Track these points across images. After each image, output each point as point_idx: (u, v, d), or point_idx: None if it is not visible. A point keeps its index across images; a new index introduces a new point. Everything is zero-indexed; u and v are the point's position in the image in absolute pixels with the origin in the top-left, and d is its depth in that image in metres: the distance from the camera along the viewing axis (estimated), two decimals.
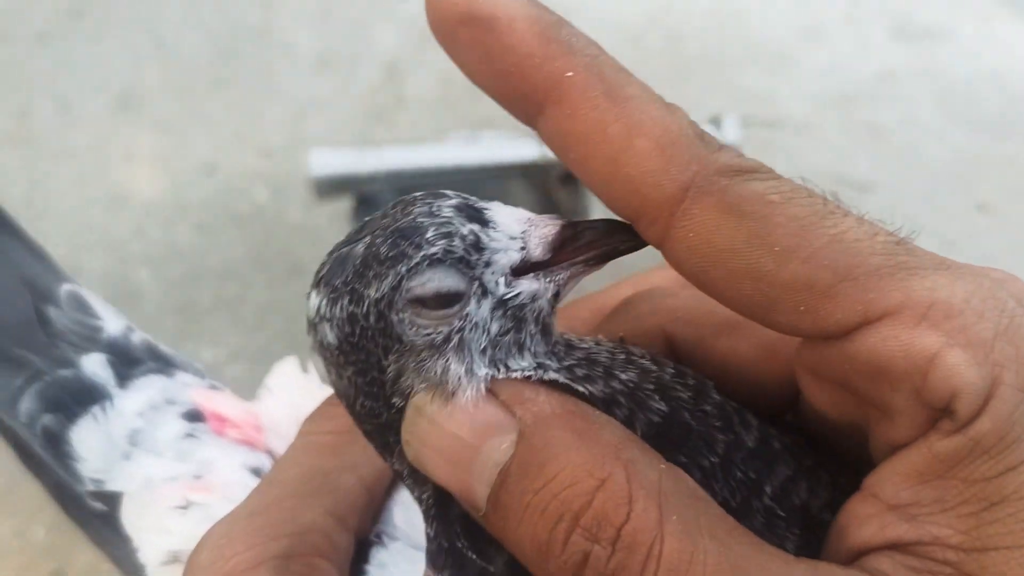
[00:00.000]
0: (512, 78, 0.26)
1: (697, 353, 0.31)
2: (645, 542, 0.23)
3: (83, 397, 0.55)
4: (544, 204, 1.02)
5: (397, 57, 1.35)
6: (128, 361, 0.58)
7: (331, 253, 0.28)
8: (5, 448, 0.59)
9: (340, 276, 0.27)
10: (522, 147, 0.97)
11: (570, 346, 0.29)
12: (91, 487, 0.54)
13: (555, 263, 0.28)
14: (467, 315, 0.27)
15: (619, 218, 0.27)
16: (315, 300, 0.28)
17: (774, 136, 1.20)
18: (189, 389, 0.57)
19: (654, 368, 0.28)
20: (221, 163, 1.22)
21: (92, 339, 0.58)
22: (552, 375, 0.27)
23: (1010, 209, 1.18)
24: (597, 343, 0.29)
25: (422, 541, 0.30)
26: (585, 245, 0.27)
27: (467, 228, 0.27)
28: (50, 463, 0.56)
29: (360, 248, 0.27)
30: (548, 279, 0.28)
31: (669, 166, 0.25)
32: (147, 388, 0.56)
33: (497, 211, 0.28)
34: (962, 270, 0.25)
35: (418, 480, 0.29)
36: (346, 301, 0.27)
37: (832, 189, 0.26)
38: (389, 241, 0.27)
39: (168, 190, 1.19)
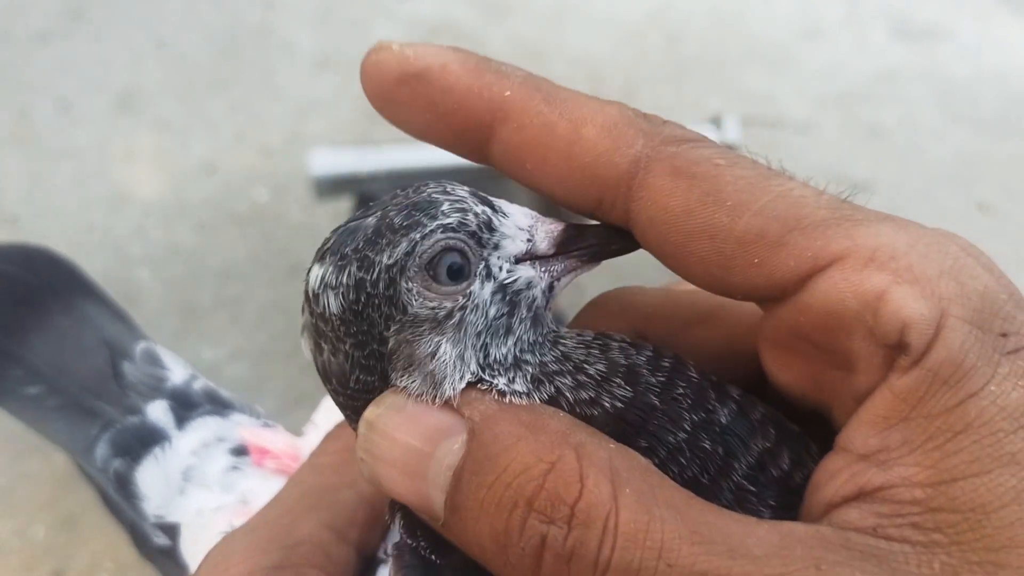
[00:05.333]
0: (456, 116, 0.28)
1: (668, 348, 0.32)
2: (600, 516, 0.23)
3: (147, 440, 0.62)
4: (543, 204, 1.02)
5: None
6: (187, 405, 0.64)
7: (336, 230, 0.29)
8: (5, 448, 0.61)
9: (350, 244, 0.27)
10: None
11: (557, 341, 0.29)
12: (153, 520, 0.59)
13: (554, 257, 0.29)
14: (471, 294, 0.27)
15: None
16: (318, 271, 0.28)
17: (774, 136, 1.20)
18: (240, 427, 0.63)
19: (623, 360, 0.28)
20: (221, 163, 1.22)
21: (158, 388, 0.65)
22: (502, 386, 0.27)
23: (1010, 209, 1.18)
24: (580, 335, 0.29)
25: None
26: (587, 245, 0.29)
27: (480, 208, 0.28)
28: (121, 503, 0.62)
29: (371, 220, 0.27)
30: (544, 269, 0.29)
31: (618, 144, 0.26)
32: (201, 428, 0.62)
33: (505, 204, 0.29)
34: (906, 222, 0.26)
35: None
36: (355, 268, 0.27)
37: (832, 189, 0.27)
38: (404, 212, 0.27)
39: (168, 190, 1.19)
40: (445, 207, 0.27)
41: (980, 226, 1.17)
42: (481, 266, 0.28)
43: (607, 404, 0.27)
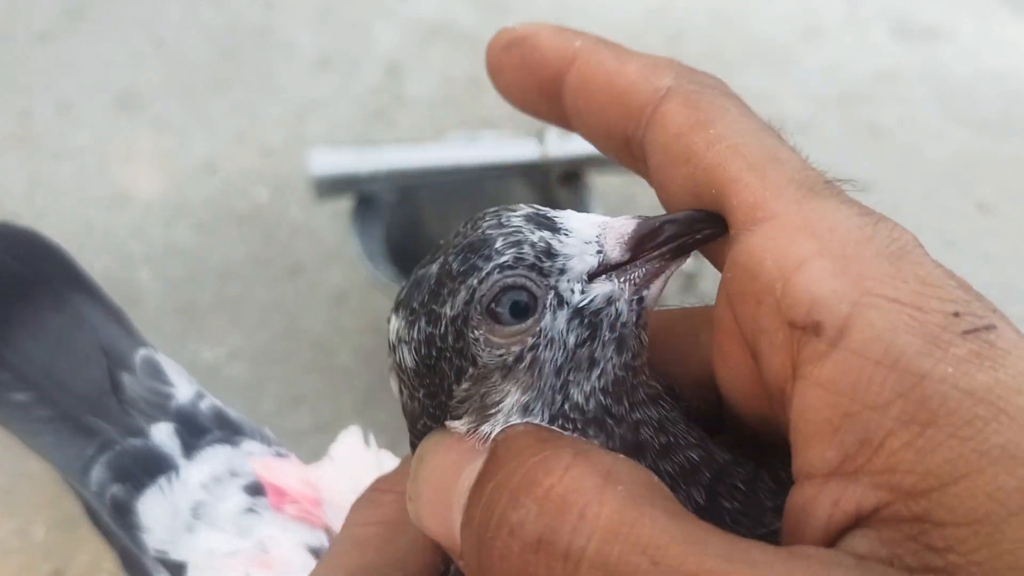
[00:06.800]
0: (540, 70, 0.29)
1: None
2: (577, 502, 0.21)
3: (151, 467, 0.56)
4: (544, 204, 1.01)
5: (397, 57, 1.35)
6: (195, 431, 0.58)
7: (410, 276, 0.28)
8: (5, 448, 0.59)
9: (417, 298, 0.27)
10: (522, 147, 0.97)
11: (658, 398, 0.26)
12: (155, 555, 0.54)
13: (631, 262, 0.26)
14: (541, 330, 0.25)
15: (699, 209, 0.26)
16: (394, 323, 0.27)
17: None
18: (252, 458, 0.57)
19: (717, 459, 0.26)
20: (221, 163, 1.22)
21: (162, 407, 0.58)
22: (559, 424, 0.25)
23: (1010, 209, 1.18)
24: (672, 394, 0.27)
25: None
26: (664, 240, 0.26)
27: (537, 235, 0.26)
28: (117, 531, 0.56)
29: (435, 268, 0.27)
30: (623, 278, 0.26)
31: (650, 76, 0.27)
32: (212, 459, 0.57)
33: (569, 218, 0.27)
34: (874, 212, 0.23)
35: None
36: (423, 322, 0.26)
37: None
38: (460, 257, 0.26)
39: (168, 190, 1.19)
40: (499, 244, 0.26)
41: (980, 226, 1.17)
42: (550, 296, 0.25)
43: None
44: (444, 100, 1.29)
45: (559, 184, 0.98)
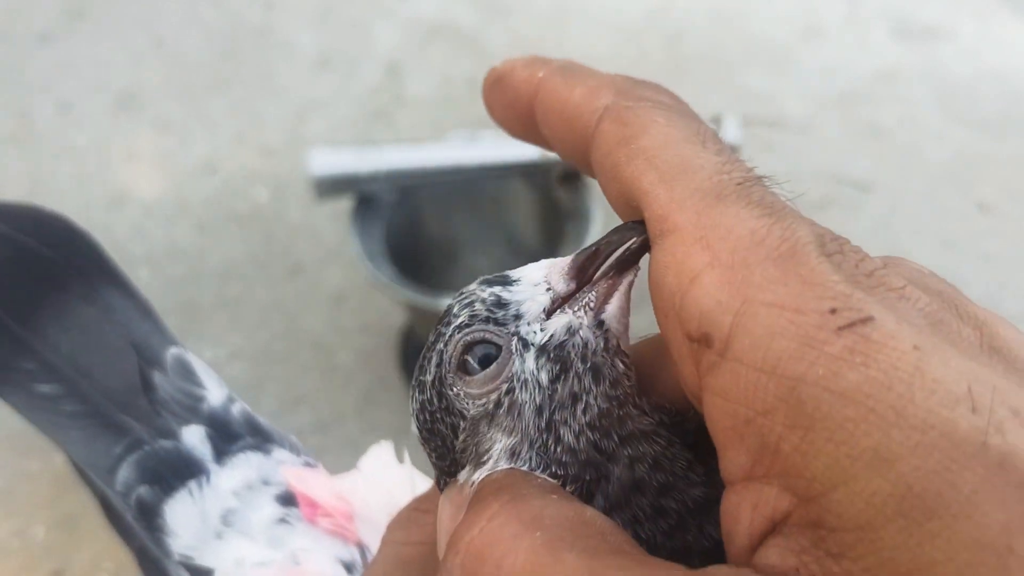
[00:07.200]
0: (518, 103, 0.31)
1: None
2: (494, 555, 0.21)
3: (181, 471, 0.55)
4: (544, 204, 1.02)
5: (397, 57, 1.35)
6: (227, 436, 0.57)
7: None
8: (5, 448, 0.58)
9: (414, 377, 0.30)
10: (522, 147, 0.97)
11: (656, 433, 0.26)
12: (179, 559, 0.53)
13: (580, 289, 0.27)
14: (513, 374, 0.26)
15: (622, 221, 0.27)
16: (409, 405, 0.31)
17: (775, 136, 1.20)
18: (284, 468, 0.56)
19: (690, 499, 0.26)
20: (221, 163, 1.22)
21: (194, 410, 0.57)
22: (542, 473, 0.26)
23: (1010, 209, 1.18)
24: (671, 444, 0.26)
25: None
26: (603, 259, 0.26)
27: (487, 292, 0.28)
28: (139, 533, 0.55)
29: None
30: (576, 307, 0.26)
31: (592, 99, 0.28)
32: (243, 466, 0.56)
33: (523, 270, 0.28)
34: (777, 211, 0.22)
35: None
36: (417, 393, 0.29)
37: (832, 189, 0.26)
38: (433, 334, 0.29)
39: (168, 190, 1.19)
40: (456, 308, 0.28)
41: (980, 226, 1.17)
42: (514, 341, 0.27)
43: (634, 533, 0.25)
44: (444, 100, 1.29)
45: (559, 184, 0.98)
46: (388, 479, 0.55)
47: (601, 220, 0.93)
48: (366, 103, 1.30)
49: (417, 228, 1.02)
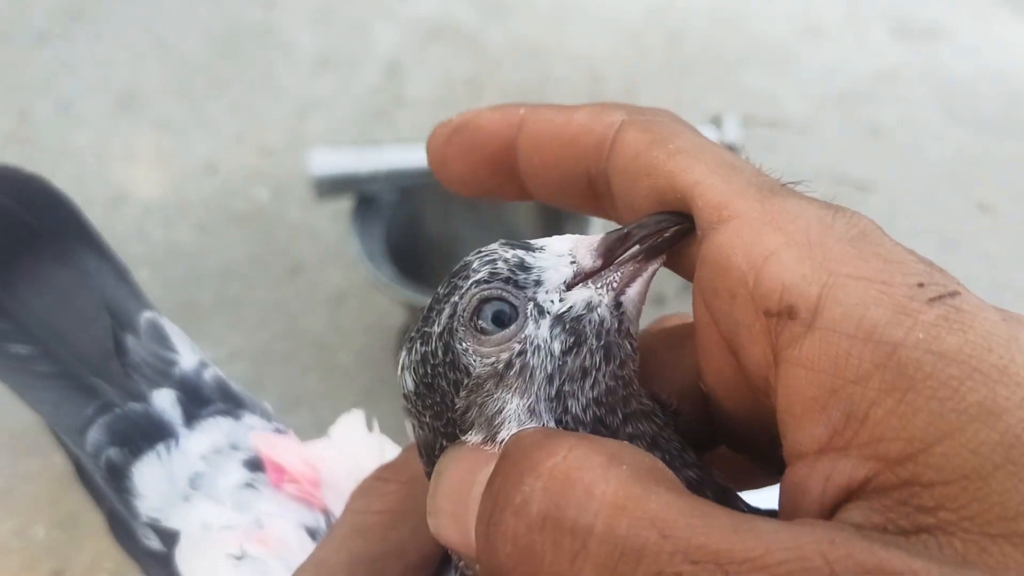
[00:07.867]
0: (488, 146, 0.30)
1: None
2: (581, 479, 0.21)
3: (150, 433, 0.55)
4: (544, 204, 1.01)
5: (397, 57, 1.35)
6: (198, 400, 0.57)
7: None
8: (5, 448, 0.58)
9: (414, 328, 0.29)
10: None
11: (653, 414, 0.27)
12: (146, 520, 0.53)
13: (605, 268, 0.27)
14: (526, 337, 0.26)
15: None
16: (400, 357, 0.29)
17: (775, 136, 1.20)
18: (252, 432, 0.56)
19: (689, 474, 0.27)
20: (221, 163, 1.22)
21: (165, 374, 0.57)
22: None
23: (1010, 209, 1.18)
24: (663, 407, 0.28)
25: None
26: (635, 242, 0.27)
27: (511, 253, 0.28)
28: (109, 495, 0.55)
29: (428, 302, 0.29)
30: (599, 284, 0.27)
31: (600, 116, 0.28)
32: (213, 430, 0.56)
33: (547, 240, 0.28)
34: (832, 204, 0.24)
35: None
36: (418, 344, 0.28)
37: (832, 189, 0.27)
38: (444, 283, 0.28)
39: (168, 190, 1.19)
40: (475, 264, 0.28)
41: (980, 226, 1.17)
42: (530, 307, 0.27)
43: None
44: (444, 100, 1.29)
45: None
46: (357, 447, 0.54)
47: (600, 222, 0.93)
48: (366, 103, 1.30)
49: (417, 228, 1.02)
